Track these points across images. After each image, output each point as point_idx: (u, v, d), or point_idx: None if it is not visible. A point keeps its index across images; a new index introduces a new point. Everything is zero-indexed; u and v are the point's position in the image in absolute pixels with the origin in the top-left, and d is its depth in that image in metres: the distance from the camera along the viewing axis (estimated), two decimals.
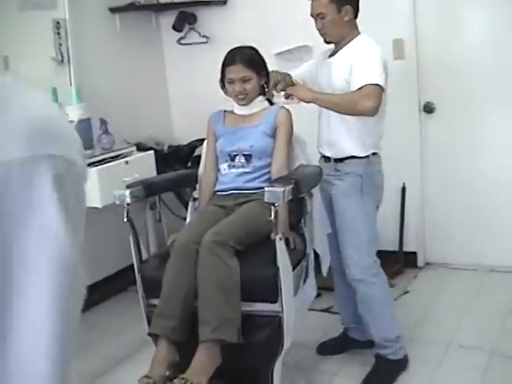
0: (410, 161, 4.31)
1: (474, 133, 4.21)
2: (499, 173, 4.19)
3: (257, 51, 3.09)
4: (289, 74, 3.26)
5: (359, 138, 2.99)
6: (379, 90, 2.79)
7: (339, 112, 2.93)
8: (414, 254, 4.49)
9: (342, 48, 2.99)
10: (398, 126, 4.15)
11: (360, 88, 2.79)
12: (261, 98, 3.07)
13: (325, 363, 3.33)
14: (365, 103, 2.78)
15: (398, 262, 4.40)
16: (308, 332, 3.46)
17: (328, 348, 3.44)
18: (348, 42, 2.97)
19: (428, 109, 4.29)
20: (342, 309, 3.44)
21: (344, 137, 3.01)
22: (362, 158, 3.01)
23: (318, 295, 3.89)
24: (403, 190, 4.36)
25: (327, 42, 3.07)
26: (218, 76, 3.07)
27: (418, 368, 3.17)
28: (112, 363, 3.44)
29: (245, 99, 3.04)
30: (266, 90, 3.07)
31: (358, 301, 3.14)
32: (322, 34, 3.02)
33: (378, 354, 3.14)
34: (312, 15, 3.00)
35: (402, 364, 3.15)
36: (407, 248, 4.47)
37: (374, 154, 3.05)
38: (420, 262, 4.50)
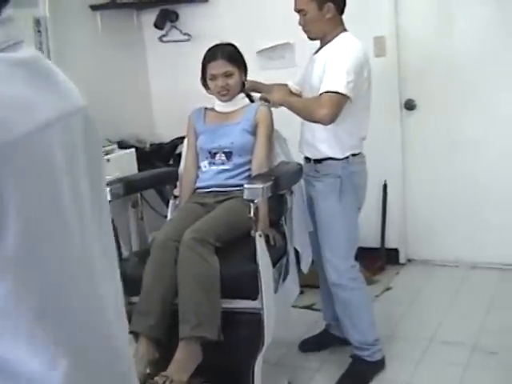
0: (391, 158, 4.33)
1: (454, 129, 4.22)
2: (480, 169, 4.21)
3: (236, 48, 3.09)
4: (285, 84, 3.24)
5: (336, 139, 2.94)
6: (338, 98, 2.74)
7: (302, 118, 2.92)
8: (396, 250, 4.51)
9: (325, 45, 2.95)
10: (379, 124, 4.14)
11: (321, 94, 2.77)
12: (242, 95, 3.06)
13: (306, 360, 3.34)
14: (319, 112, 2.75)
15: (380, 259, 4.42)
16: (290, 329, 3.47)
17: (310, 345, 3.44)
18: (331, 40, 2.92)
19: (409, 106, 4.30)
20: (324, 305, 3.43)
21: (321, 138, 2.97)
22: (339, 159, 2.96)
23: (301, 292, 3.88)
24: (385, 187, 4.37)
25: (310, 39, 3.03)
26: (200, 74, 3.06)
27: (400, 364, 3.17)
28: None
29: (227, 95, 3.04)
30: (246, 86, 3.07)
31: (335, 304, 3.12)
32: (304, 31, 2.99)
33: (355, 354, 3.12)
34: (295, 10, 2.98)
35: (378, 365, 3.13)
36: (389, 245, 4.49)
37: (353, 155, 2.99)
38: (402, 259, 4.52)
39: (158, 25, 4.72)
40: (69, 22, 4.20)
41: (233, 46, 3.09)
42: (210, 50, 3.06)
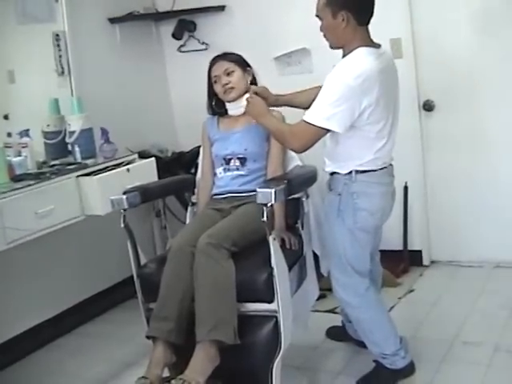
0: (411, 159, 4.31)
1: (474, 129, 4.19)
2: (502, 168, 4.18)
3: (237, 54, 3.16)
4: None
5: (343, 154, 2.76)
6: (314, 130, 2.58)
7: (277, 141, 2.89)
8: (419, 252, 4.49)
9: (343, 57, 2.71)
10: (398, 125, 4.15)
11: (301, 120, 2.65)
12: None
13: (328, 363, 3.32)
14: (292, 141, 2.68)
15: (403, 261, 4.41)
16: (312, 333, 3.45)
17: (334, 334, 3.48)
18: (346, 54, 2.67)
19: (428, 107, 4.28)
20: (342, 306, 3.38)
21: (331, 151, 2.81)
22: (343, 174, 2.77)
23: (323, 296, 3.90)
24: (405, 188, 4.35)
25: (331, 47, 2.81)
26: None
27: (422, 365, 3.13)
28: (120, 368, 3.49)
29: (232, 92, 3.07)
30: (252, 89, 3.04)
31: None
32: (324, 37, 2.80)
33: (376, 360, 3.04)
34: (316, 15, 2.78)
35: (402, 372, 3.01)
36: (412, 247, 4.47)
37: (361, 171, 2.74)
38: (425, 261, 4.49)
39: (176, 35, 4.78)
40: (88, 35, 4.27)
41: (233, 53, 3.16)
42: (212, 59, 3.15)
